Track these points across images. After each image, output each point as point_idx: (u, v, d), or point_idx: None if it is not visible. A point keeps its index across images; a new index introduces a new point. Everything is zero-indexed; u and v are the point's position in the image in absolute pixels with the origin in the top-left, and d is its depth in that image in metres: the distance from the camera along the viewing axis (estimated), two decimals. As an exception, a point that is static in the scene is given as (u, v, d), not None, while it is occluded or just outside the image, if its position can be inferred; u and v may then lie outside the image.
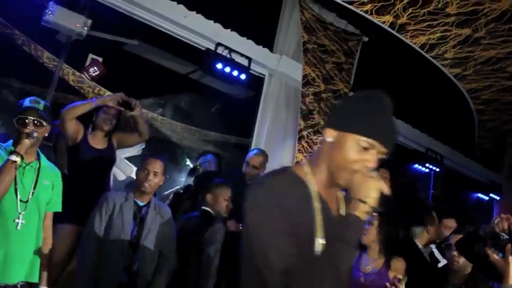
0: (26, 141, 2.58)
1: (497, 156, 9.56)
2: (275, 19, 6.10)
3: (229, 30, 5.57)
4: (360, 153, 1.50)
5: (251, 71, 5.73)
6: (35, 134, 2.61)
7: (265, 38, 5.98)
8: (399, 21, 5.83)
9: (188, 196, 5.16)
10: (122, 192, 3.25)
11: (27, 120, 2.65)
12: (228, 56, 5.45)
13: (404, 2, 5.48)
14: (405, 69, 6.73)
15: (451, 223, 4.38)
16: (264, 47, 5.93)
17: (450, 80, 7.20)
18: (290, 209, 1.45)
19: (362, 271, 3.11)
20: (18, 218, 2.60)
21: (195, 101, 7.54)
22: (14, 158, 2.52)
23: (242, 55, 5.63)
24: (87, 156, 3.73)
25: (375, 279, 3.04)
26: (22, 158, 2.57)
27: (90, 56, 4.82)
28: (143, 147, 5.58)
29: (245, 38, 5.74)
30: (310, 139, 6.24)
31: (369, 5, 5.54)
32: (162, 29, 5.25)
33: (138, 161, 5.01)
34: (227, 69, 5.41)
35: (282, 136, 5.99)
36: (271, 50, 6.02)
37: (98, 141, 3.83)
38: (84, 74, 4.85)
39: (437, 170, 8.08)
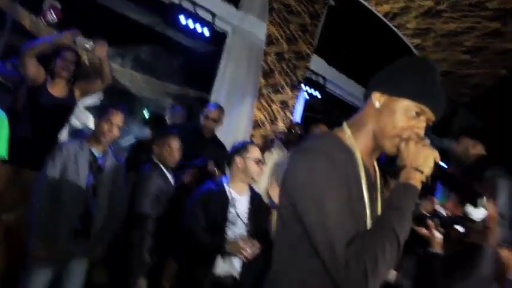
0: None
1: (448, 127, 9.89)
2: (242, -25, 6.00)
3: (194, -17, 5.45)
4: (410, 120, 1.43)
5: (215, 27, 5.66)
6: None
7: (231, -6, 5.89)
8: (365, -12, 5.88)
9: (145, 148, 5.18)
10: (75, 141, 3.22)
11: None
12: (191, 10, 5.37)
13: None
14: (368, 36, 6.81)
15: None
16: (228, 3, 5.86)
17: (410, 50, 7.36)
18: (345, 176, 1.37)
19: None
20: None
21: (156, 53, 7.41)
22: None
23: (206, 10, 5.55)
24: (44, 102, 3.66)
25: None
26: None
27: (48, 0, 4.65)
28: (101, 98, 5.52)
29: (210, -7, 5.64)
30: (270, 98, 6.31)
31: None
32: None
33: (96, 111, 4.97)
34: (190, 24, 5.32)
35: (241, 93, 6.02)
36: (236, 6, 5.95)
37: (57, 89, 3.76)
38: (41, 19, 4.69)
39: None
